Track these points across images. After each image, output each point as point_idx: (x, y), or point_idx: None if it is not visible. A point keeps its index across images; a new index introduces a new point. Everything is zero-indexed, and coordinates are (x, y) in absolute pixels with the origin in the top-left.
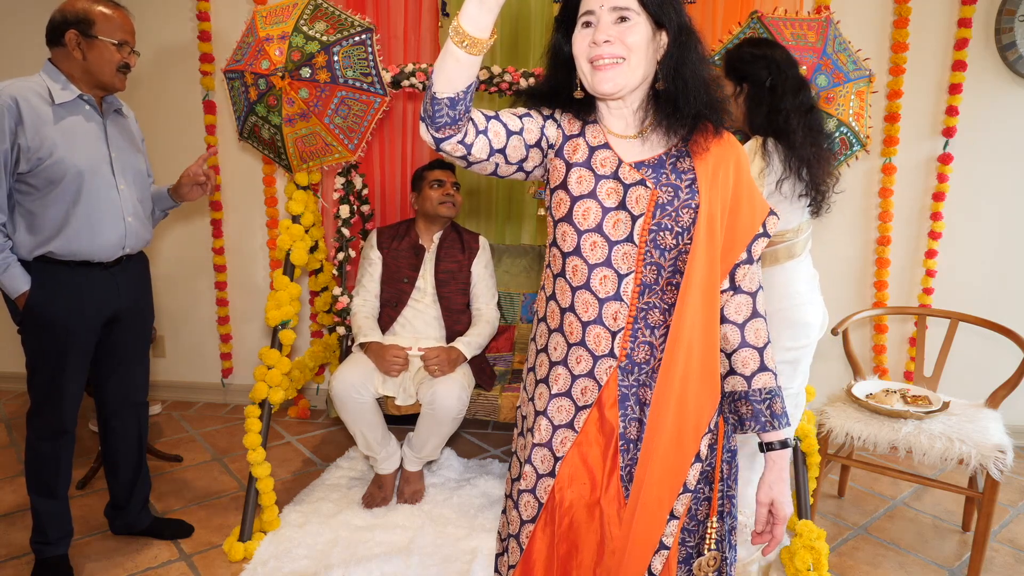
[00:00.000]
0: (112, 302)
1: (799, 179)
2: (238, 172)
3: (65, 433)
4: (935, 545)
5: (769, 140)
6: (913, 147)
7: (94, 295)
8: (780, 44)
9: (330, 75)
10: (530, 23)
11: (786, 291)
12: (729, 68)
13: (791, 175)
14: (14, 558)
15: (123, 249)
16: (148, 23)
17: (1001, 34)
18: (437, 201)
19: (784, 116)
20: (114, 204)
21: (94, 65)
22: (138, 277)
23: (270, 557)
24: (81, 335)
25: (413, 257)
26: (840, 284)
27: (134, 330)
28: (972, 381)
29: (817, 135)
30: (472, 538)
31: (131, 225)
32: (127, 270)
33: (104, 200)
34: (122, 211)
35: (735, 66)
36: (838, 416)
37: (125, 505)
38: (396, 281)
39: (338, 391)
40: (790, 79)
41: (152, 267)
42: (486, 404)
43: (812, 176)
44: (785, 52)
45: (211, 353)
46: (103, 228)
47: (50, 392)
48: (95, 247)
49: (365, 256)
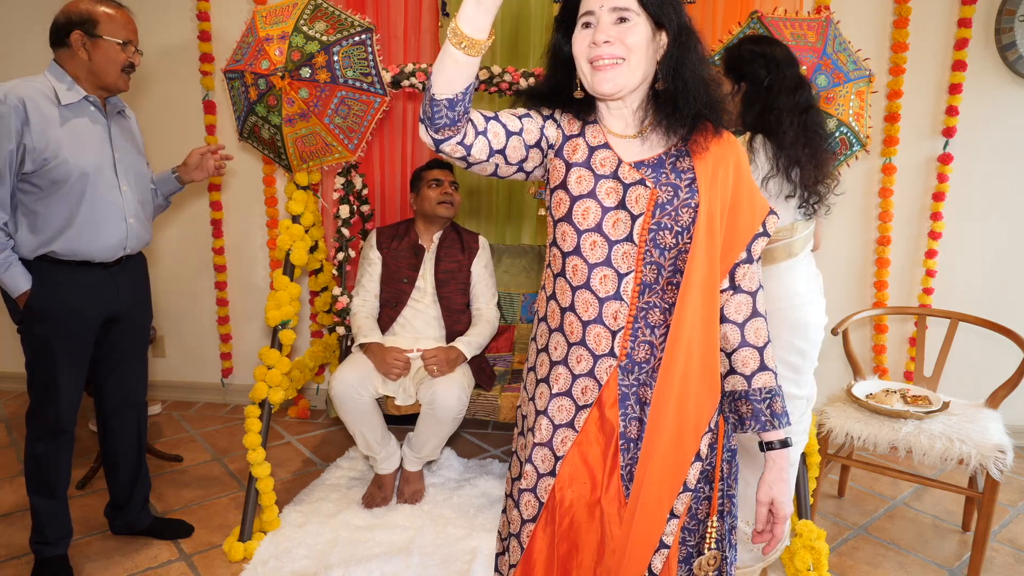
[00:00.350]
0: (111, 302)
1: (787, 179)
2: (238, 172)
3: (63, 433)
4: (935, 545)
5: (757, 137)
6: (913, 147)
7: (94, 295)
8: (781, 42)
9: (330, 75)
10: (530, 23)
11: (785, 291)
12: (728, 66)
13: (778, 174)
14: (14, 558)
15: (124, 250)
16: (148, 23)
17: (1001, 34)
18: (436, 201)
19: (776, 115)
20: (116, 205)
21: (99, 65)
22: (137, 277)
23: (270, 557)
24: (80, 335)
25: (413, 257)
26: (840, 284)
27: (133, 330)
28: (972, 381)
29: (812, 135)
30: (472, 538)
31: (132, 226)
32: (127, 270)
33: (107, 201)
34: (124, 212)
35: (734, 64)
36: (838, 416)
37: (125, 505)
38: (396, 281)
39: (338, 391)
40: (788, 78)
41: (152, 267)
42: (486, 404)
43: (803, 177)
44: (786, 50)
45: (211, 353)
46: (105, 229)
47: (48, 392)
48: (96, 247)
49: (364, 256)
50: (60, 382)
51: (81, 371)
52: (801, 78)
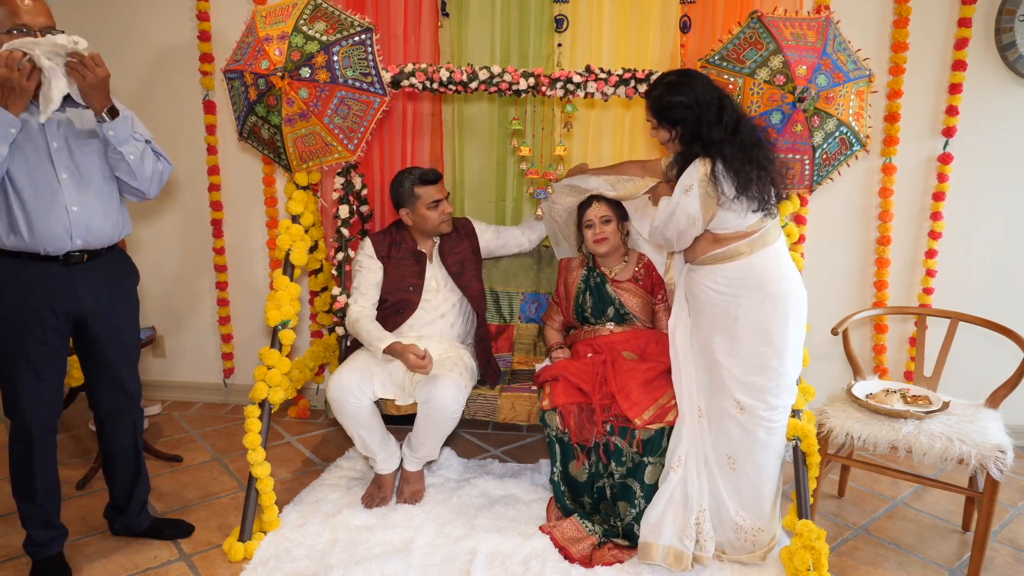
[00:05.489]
0: (72, 301)
1: (748, 198)
2: (238, 172)
3: (31, 441)
4: (935, 545)
5: (718, 165)
6: (913, 147)
7: (47, 291)
8: (693, 71)
9: (330, 75)
10: (530, 23)
11: (776, 272)
12: (658, 117)
13: (741, 195)
14: (12, 559)
15: (72, 241)
16: (148, 23)
17: (1001, 34)
18: (438, 222)
19: (717, 147)
20: (55, 195)
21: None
22: (113, 277)
23: (270, 557)
24: (38, 334)
25: (415, 264)
26: (840, 284)
27: (110, 333)
28: (972, 381)
29: (751, 148)
30: (472, 538)
31: (77, 215)
32: (96, 269)
33: (43, 191)
34: (64, 201)
35: (662, 114)
36: (838, 416)
37: (124, 507)
38: (401, 290)
39: (335, 395)
40: (710, 107)
41: (152, 267)
42: (485, 405)
43: (759, 191)
44: (701, 78)
45: (211, 353)
46: (44, 219)
47: (10, 394)
48: (38, 239)
49: (361, 264)
50: (19, 383)
51: (49, 376)
52: (721, 97)
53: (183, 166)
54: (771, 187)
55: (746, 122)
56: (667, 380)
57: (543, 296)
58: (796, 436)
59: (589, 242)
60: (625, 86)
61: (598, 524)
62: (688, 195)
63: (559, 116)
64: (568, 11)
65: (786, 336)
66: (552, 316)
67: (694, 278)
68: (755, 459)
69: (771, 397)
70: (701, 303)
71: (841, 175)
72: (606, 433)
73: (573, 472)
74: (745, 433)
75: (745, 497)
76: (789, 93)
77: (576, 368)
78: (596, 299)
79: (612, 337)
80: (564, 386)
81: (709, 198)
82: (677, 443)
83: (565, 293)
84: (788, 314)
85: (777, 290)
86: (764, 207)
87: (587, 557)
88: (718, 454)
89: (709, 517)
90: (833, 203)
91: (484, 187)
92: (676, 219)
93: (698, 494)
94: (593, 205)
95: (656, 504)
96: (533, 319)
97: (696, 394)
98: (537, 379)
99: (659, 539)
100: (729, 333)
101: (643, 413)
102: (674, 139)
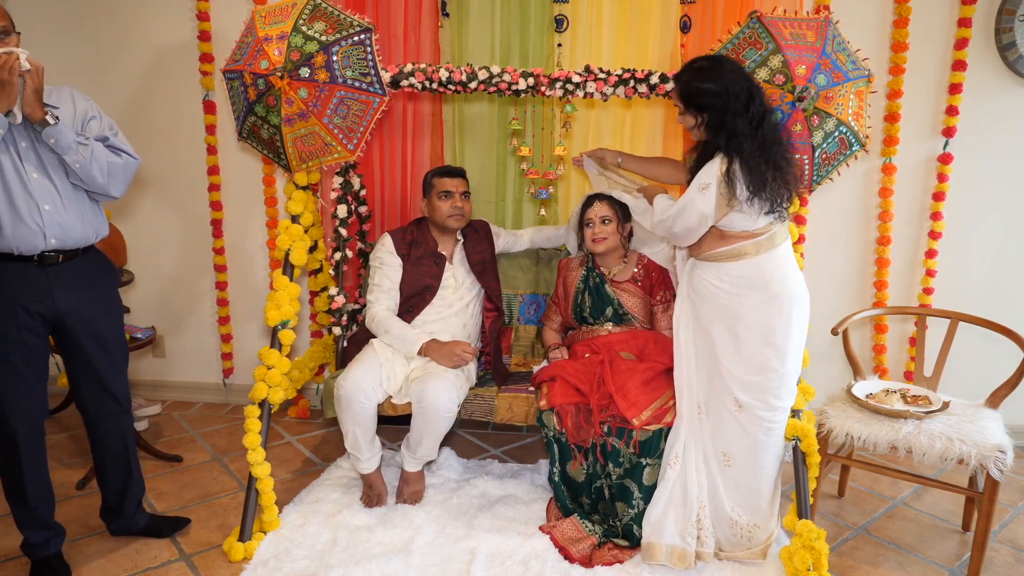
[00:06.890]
0: (47, 302)
1: (762, 200)
2: (238, 172)
3: (15, 441)
4: (935, 545)
5: (735, 165)
6: (913, 147)
7: (18, 291)
8: (724, 58)
9: (329, 75)
10: (530, 23)
11: (781, 273)
12: (686, 103)
13: (754, 196)
14: (12, 558)
15: (47, 240)
16: (148, 23)
17: (1001, 34)
18: (446, 214)
19: (738, 141)
20: (26, 193)
21: None
22: (87, 279)
23: (270, 557)
24: (11, 334)
25: (433, 267)
26: (840, 284)
27: (90, 336)
28: (972, 381)
29: (771, 147)
30: (472, 538)
31: (50, 214)
32: (73, 269)
33: (14, 189)
34: (36, 200)
35: (690, 99)
36: (838, 416)
37: (118, 508)
38: (416, 290)
39: (347, 392)
40: (740, 99)
41: (152, 267)
42: (483, 405)
43: (773, 194)
44: (732, 66)
45: (211, 353)
46: (14, 218)
47: None
48: (10, 238)
49: (381, 261)
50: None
51: (30, 376)
52: (750, 87)
53: (182, 166)
54: (784, 190)
55: (771, 118)
56: (665, 381)
57: (542, 297)
58: (796, 436)
59: (588, 241)
60: (624, 86)
61: (598, 524)
62: (704, 193)
63: (559, 116)
64: (568, 11)
65: (788, 337)
66: (550, 316)
67: (698, 273)
68: (753, 458)
69: (771, 398)
70: (704, 299)
71: (841, 175)
72: (603, 434)
73: (571, 472)
74: (743, 432)
75: (741, 494)
76: (788, 93)
77: (574, 368)
78: (595, 299)
79: (610, 337)
80: (562, 386)
81: (723, 198)
82: (674, 440)
83: (564, 293)
84: (792, 316)
85: (782, 291)
86: (776, 210)
87: (587, 557)
88: (715, 451)
89: (709, 513)
90: (833, 203)
91: (484, 187)
92: (687, 216)
93: (697, 490)
94: (594, 204)
95: (656, 503)
96: (532, 320)
97: (696, 389)
98: (535, 379)
99: (662, 539)
100: (731, 331)
101: (641, 413)
102: (699, 126)
